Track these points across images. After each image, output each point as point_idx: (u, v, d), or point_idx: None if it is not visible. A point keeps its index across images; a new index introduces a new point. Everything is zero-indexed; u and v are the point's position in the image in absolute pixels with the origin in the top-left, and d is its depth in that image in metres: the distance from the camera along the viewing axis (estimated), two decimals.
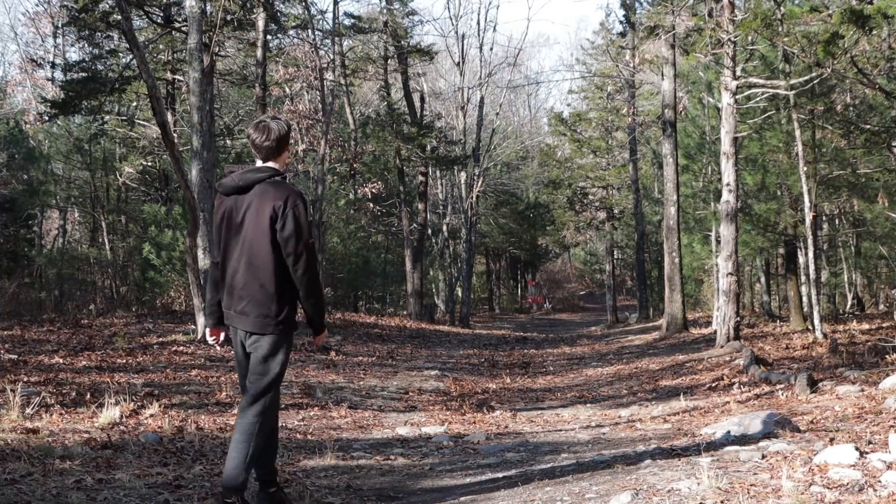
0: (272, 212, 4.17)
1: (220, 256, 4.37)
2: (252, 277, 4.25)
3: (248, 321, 4.28)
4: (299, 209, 4.20)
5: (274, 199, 4.19)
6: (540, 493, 4.94)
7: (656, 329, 20.87)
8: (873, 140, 15.13)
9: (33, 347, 11.53)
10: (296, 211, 4.18)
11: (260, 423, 4.29)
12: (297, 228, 4.17)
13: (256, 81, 20.85)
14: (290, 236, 4.17)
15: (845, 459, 4.75)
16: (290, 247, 4.19)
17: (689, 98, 22.20)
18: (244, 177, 4.28)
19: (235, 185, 4.28)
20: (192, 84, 14.00)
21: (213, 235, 4.41)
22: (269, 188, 4.24)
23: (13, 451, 5.49)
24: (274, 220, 4.17)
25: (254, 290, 4.25)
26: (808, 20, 11.56)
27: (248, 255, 4.24)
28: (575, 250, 51.10)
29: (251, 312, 4.27)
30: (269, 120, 4.38)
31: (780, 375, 9.84)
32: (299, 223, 4.19)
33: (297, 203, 4.20)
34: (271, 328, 4.28)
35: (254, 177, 4.26)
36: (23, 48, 38.17)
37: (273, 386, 4.36)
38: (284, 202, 4.18)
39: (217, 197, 4.41)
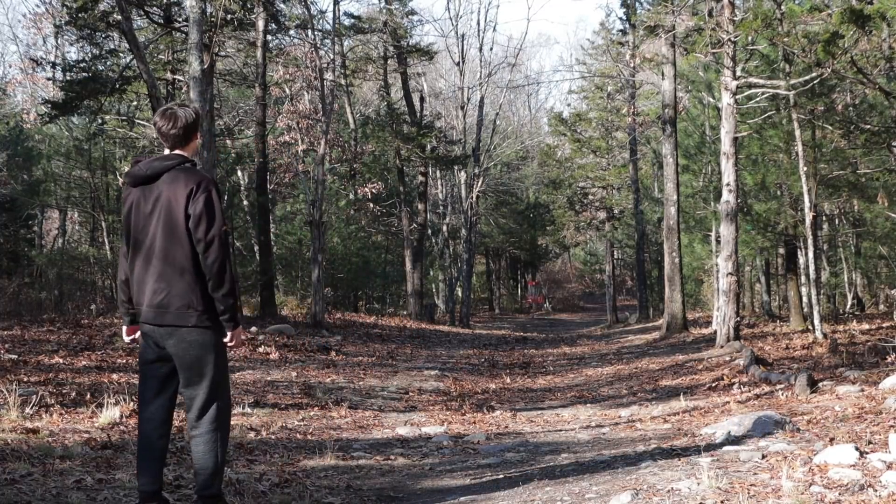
0: (185, 198, 3.97)
1: (129, 250, 4.12)
2: (169, 267, 4.00)
3: (169, 315, 4.00)
4: (212, 194, 3.99)
5: (186, 184, 3.99)
6: (540, 493, 4.94)
7: (656, 329, 20.87)
8: (873, 140, 15.12)
9: (33, 347, 11.53)
10: (208, 195, 3.97)
11: (220, 435, 4.08)
12: (209, 213, 3.96)
13: (256, 81, 20.86)
14: (200, 222, 3.96)
15: (845, 459, 4.75)
16: (201, 232, 3.96)
17: (689, 98, 22.20)
18: (151, 165, 4.06)
19: (143, 175, 4.05)
20: (191, 84, 14.00)
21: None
22: (180, 174, 4.03)
23: (13, 451, 5.49)
24: (188, 206, 3.99)
25: (173, 279, 4.00)
26: (808, 20, 11.56)
27: (164, 245, 4.00)
28: (575, 250, 51.10)
29: (172, 304, 4.00)
30: (175, 107, 4.17)
31: (780, 375, 9.84)
32: (212, 208, 3.96)
33: (210, 188, 4.00)
34: (194, 319, 4.01)
35: (161, 165, 4.05)
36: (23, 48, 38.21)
37: (218, 391, 4.08)
38: (197, 186, 3.97)
39: (124, 189, 4.18)
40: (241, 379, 10.43)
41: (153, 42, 19.77)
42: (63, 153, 24.24)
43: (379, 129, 27.78)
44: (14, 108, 30.72)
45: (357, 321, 22.38)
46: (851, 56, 11.01)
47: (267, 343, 14.09)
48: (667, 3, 17.26)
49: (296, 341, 15.12)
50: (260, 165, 21.04)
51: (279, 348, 13.72)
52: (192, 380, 4.07)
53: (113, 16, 17.23)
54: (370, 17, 27.77)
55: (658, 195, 29.15)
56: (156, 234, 4.01)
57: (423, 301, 27.75)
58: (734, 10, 14.05)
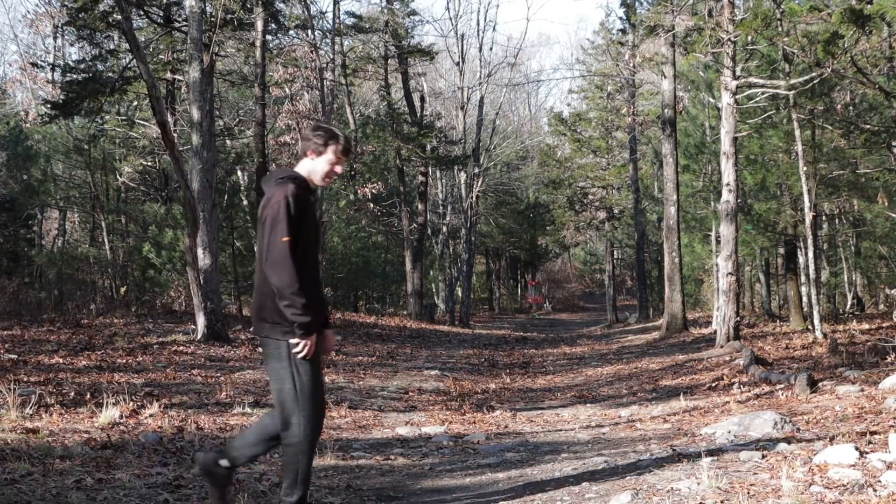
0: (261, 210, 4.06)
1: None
2: (259, 277, 4.07)
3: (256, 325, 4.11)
4: (275, 202, 3.93)
5: (266, 196, 4.04)
6: (540, 493, 4.94)
7: (656, 329, 20.86)
8: (873, 140, 15.12)
9: (33, 347, 11.53)
10: (272, 202, 3.93)
11: (297, 448, 4.02)
12: (267, 225, 3.93)
13: (256, 81, 20.85)
14: (260, 232, 3.98)
15: (845, 459, 4.75)
16: (260, 242, 4.00)
17: (690, 98, 22.20)
18: (267, 177, 4.16)
19: (264, 186, 4.14)
20: (191, 83, 14.01)
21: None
22: (271, 187, 4.05)
23: (13, 451, 5.49)
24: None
25: (258, 289, 4.08)
26: (807, 19, 11.55)
27: (259, 255, 4.08)
28: (575, 250, 51.10)
29: (256, 315, 4.10)
30: (322, 124, 4.24)
31: (780, 375, 9.84)
32: (272, 216, 3.90)
33: (278, 197, 3.94)
34: (265, 329, 4.04)
35: (271, 178, 4.12)
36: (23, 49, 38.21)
37: (292, 403, 3.99)
38: (268, 199, 3.99)
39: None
40: (241, 379, 10.42)
41: (153, 42, 19.76)
42: (63, 153, 24.23)
43: (379, 129, 27.77)
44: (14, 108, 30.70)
45: (357, 321, 22.38)
46: (851, 56, 11.02)
47: None
48: (667, 2, 17.26)
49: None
50: (260, 165, 21.02)
51: None
52: (273, 387, 4.08)
53: (113, 16, 17.22)
54: (371, 17, 27.77)
55: (658, 195, 29.15)
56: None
57: (423, 301, 27.74)
58: (734, 10, 14.04)
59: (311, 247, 4.06)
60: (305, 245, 3.98)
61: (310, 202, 4.07)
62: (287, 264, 3.85)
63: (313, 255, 4.10)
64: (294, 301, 3.87)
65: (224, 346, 13.10)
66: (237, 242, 21.41)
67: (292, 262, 3.87)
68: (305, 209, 3.97)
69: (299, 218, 3.93)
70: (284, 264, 3.85)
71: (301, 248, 3.94)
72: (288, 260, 3.85)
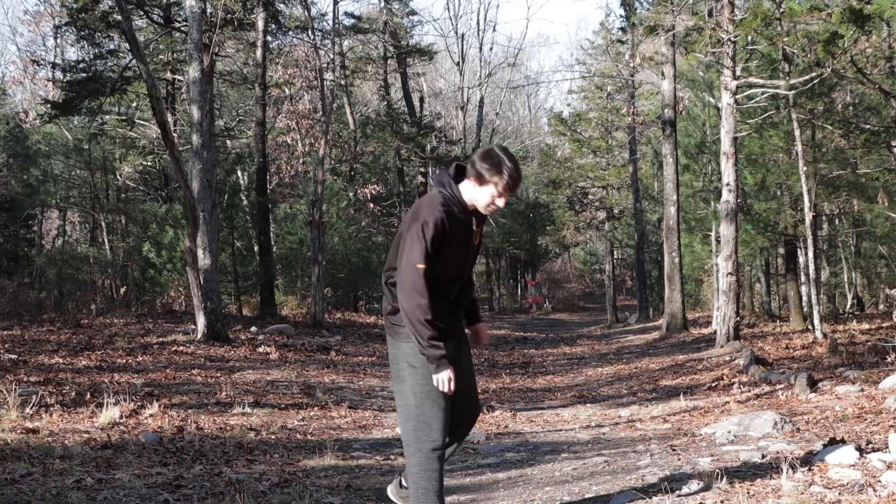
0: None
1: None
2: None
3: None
4: (419, 224, 3.67)
5: (417, 206, 3.81)
6: (540, 493, 4.94)
7: (656, 329, 20.86)
8: (873, 140, 15.12)
9: (33, 347, 11.53)
10: (418, 221, 3.68)
11: (411, 462, 3.82)
12: (409, 242, 3.69)
13: (256, 82, 20.85)
14: (403, 240, 3.75)
15: (845, 459, 4.75)
16: (400, 248, 3.76)
17: (690, 98, 22.19)
18: (435, 176, 3.91)
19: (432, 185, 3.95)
20: (191, 84, 14.01)
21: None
22: (426, 199, 3.80)
23: (13, 451, 5.49)
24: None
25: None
26: (808, 19, 11.55)
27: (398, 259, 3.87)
28: (575, 250, 51.08)
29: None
30: (494, 149, 3.80)
31: (780, 375, 9.84)
32: (412, 237, 3.67)
33: (424, 217, 3.68)
34: (391, 334, 3.90)
35: (434, 182, 3.89)
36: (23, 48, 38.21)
37: (402, 414, 3.85)
38: (418, 210, 3.75)
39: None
40: (241, 379, 10.43)
41: (153, 42, 19.76)
42: (63, 153, 24.23)
43: (379, 130, 27.78)
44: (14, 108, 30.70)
45: (357, 321, 22.38)
46: (851, 56, 11.01)
47: (267, 343, 14.09)
48: (667, 2, 17.25)
49: (296, 341, 15.12)
50: (260, 165, 21.04)
51: (279, 348, 13.72)
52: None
53: (113, 16, 17.22)
54: (370, 18, 27.79)
55: (658, 195, 29.15)
56: None
57: None
58: (734, 10, 14.04)
59: (455, 268, 3.80)
60: (446, 267, 3.74)
61: (461, 224, 3.77)
62: (415, 293, 3.62)
63: (457, 274, 3.83)
64: (420, 332, 3.65)
65: (224, 346, 13.10)
66: (237, 242, 21.41)
67: (421, 292, 3.62)
68: (454, 232, 3.71)
69: (441, 242, 3.66)
70: (412, 292, 3.63)
71: (438, 272, 3.70)
72: (417, 288, 3.62)
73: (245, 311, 20.91)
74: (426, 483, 3.78)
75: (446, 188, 3.74)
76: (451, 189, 3.74)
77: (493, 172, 3.67)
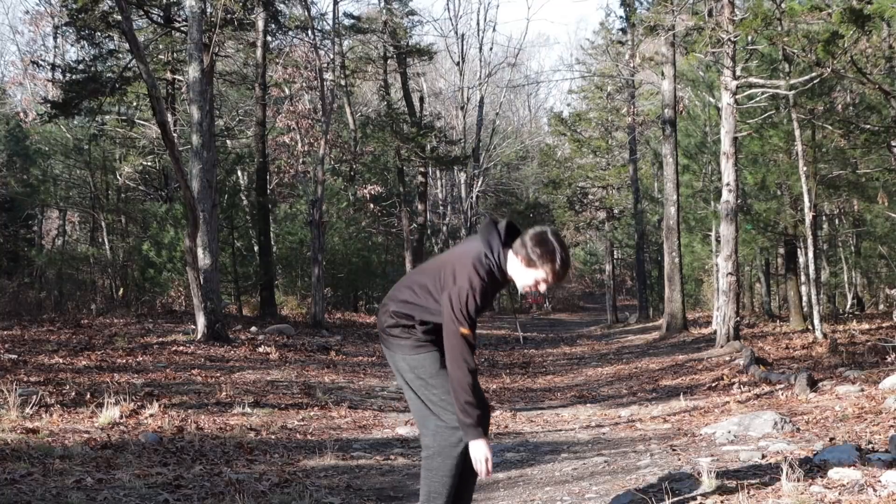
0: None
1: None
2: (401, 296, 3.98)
3: None
4: (461, 289, 3.62)
5: (460, 264, 3.74)
6: (540, 493, 4.94)
7: (656, 329, 20.86)
8: (873, 140, 15.12)
9: (33, 347, 11.53)
10: (459, 285, 3.63)
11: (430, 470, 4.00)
12: (452, 305, 3.63)
13: (256, 82, 20.85)
14: (447, 301, 3.68)
15: (845, 459, 4.75)
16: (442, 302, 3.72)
17: (690, 98, 22.20)
18: (481, 229, 3.83)
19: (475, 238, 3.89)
20: (191, 84, 14.00)
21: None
22: (467, 260, 3.72)
23: (13, 451, 5.49)
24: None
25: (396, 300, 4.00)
26: (808, 19, 11.55)
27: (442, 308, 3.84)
28: (575, 250, 51.06)
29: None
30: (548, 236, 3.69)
31: (780, 375, 9.84)
32: (456, 302, 3.62)
33: (465, 283, 3.64)
34: (387, 346, 4.13)
35: (481, 236, 3.82)
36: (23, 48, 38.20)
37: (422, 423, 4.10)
38: (459, 267, 3.70)
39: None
40: (241, 379, 10.43)
41: (153, 42, 19.76)
42: (63, 153, 24.22)
43: (379, 130, 27.76)
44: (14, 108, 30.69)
45: (357, 321, 22.38)
46: (851, 56, 11.01)
47: (267, 343, 14.10)
48: (666, 2, 17.25)
49: (296, 341, 15.12)
50: (260, 165, 21.04)
51: (279, 348, 13.72)
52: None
53: (113, 16, 17.22)
54: (370, 18, 27.77)
55: (658, 195, 29.14)
56: None
57: None
58: (734, 10, 14.04)
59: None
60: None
61: (497, 286, 3.77)
62: (462, 362, 3.61)
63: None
64: (466, 409, 3.71)
65: (224, 346, 13.10)
66: (237, 242, 21.41)
67: (469, 359, 3.62)
68: (487, 296, 3.71)
69: (480, 306, 3.67)
70: (462, 361, 3.60)
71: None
72: (465, 356, 3.61)
73: (245, 311, 20.91)
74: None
75: (493, 255, 3.68)
76: (498, 258, 3.69)
77: (544, 261, 3.62)
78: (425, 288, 3.77)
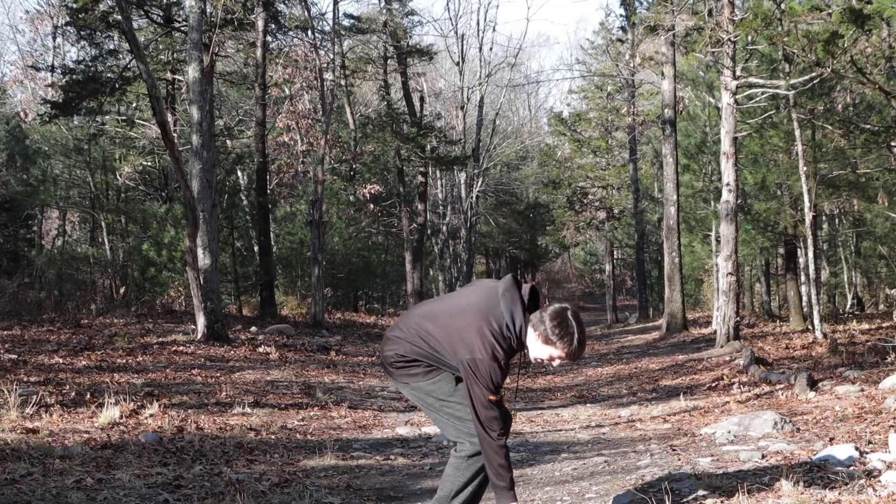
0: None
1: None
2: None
3: None
4: (483, 362, 3.67)
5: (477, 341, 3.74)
6: (540, 493, 4.94)
7: (656, 329, 20.86)
8: (873, 140, 15.11)
9: (33, 347, 11.53)
10: (478, 358, 3.68)
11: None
12: (475, 378, 3.70)
13: (256, 82, 20.85)
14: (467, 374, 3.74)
15: (845, 459, 4.75)
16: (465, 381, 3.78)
17: (690, 98, 22.19)
18: (504, 298, 3.79)
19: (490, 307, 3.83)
20: (191, 84, 14.00)
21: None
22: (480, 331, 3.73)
23: (13, 451, 5.49)
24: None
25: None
26: (808, 19, 11.55)
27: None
28: (575, 250, 51.05)
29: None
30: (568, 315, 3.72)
31: (780, 375, 9.84)
32: (477, 375, 3.68)
33: (486, 356, 3.68)
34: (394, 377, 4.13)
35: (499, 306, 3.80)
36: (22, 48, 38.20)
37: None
38: (478, 343, 3.70)
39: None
40: (241, 379, 10.43)
41: (153, 42, 19.76)
42: (62, 153, 24.23)
43: (379, 130, 27.76)
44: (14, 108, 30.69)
45: (357, 321, 22.38)
46: (851, 56, 11.01)
47: (267, 343, 14.10)
48: (666, 2, 17.25)
49: (296, 341, 15.12)
50: (260, 165, 21.04)
51: (279, 348, 13.72)
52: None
53: (113, 16, 17.22)
54: (370, 18, 27.76)
55: (658, 195, 29.14)
56: None
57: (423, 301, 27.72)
58: (734, 10, 14.04)
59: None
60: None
61: (514, 354, 3.82)
62: (492, 429, 3.66)
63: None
64: (500, 472, 3.72)
65: (224, 346, 13.11)
66: (237, 242, 21.41)
67: (496, 426, 3.67)
68: (508, 364, 3.77)
69: (504, 374, 3.72)
70: (491, 428, 3.66)
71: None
72: (494, 424, 3.66)
73: (245, 311, 20.91)
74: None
75: (515, 328, 3.70)
76: (518, 330, 3.71)
77: (562, 342, 3.65)
78: (436, 340, 3.79)
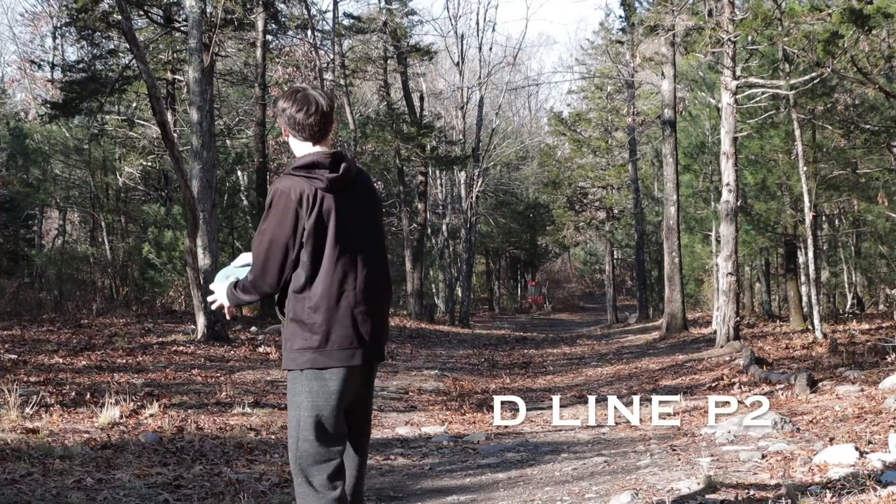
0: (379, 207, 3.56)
1: (315, 271, 3.37)
2: (385, 291, 3.52)
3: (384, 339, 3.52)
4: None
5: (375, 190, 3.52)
6: (540, 493, 4.94)
7: (656, 329, 20.86)
8: (873, 140, 15.12)
9: (33, 347, 11.53)
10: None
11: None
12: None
13: (256, 81, 20.85)
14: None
15: (845, 459, 4.75)
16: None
17: (690, 98, 22.20)
18: (351, 164, 3.42)
19: (350, 177, 3.38)
20: (191, 84, 14.00)
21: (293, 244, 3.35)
22: (366, 177, 3.49)
23: (13, 451, 5.49)
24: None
25: (385, 307, 3.54)
26: (808, 19, 11.55)
27: (379, 264, 3.47)
28: (575, 250, 51.06)
29: (385, 331, 3.54)
30: (309, 90, 3.48)
31: (780, 375, 9.84)
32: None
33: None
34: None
35: (354, 164, 3.45)
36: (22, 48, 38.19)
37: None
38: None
39: (298, 194, 3.30)
40: (240, 379, 10.43)
41: (153, 42, 19.77)
42: (63, 153, 24.24)
43: (379, 129, 27.74)
44: (14, 108, 30.70)
45: None
46: (851, 56, 11.02)
47: (267, 343, 14.09)
48: (666, 2, 17.25)
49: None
50: (260, 165, 21.04)
51: (279, 348, 13.70)
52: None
53: (113, 16, 17.23)
54: (370, 18, 27.75)
55: (658, 195, 29.14)
56: (367, 251, 3.42)
57: (422, 301, 27.73)
58: (734, 10, 14.04)
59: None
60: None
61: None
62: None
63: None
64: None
65: (224, 346, 13.10)
66: (237, 242, 21.41)
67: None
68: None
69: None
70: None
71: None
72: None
73: (245, 311, 20.90)
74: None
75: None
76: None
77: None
78: None
